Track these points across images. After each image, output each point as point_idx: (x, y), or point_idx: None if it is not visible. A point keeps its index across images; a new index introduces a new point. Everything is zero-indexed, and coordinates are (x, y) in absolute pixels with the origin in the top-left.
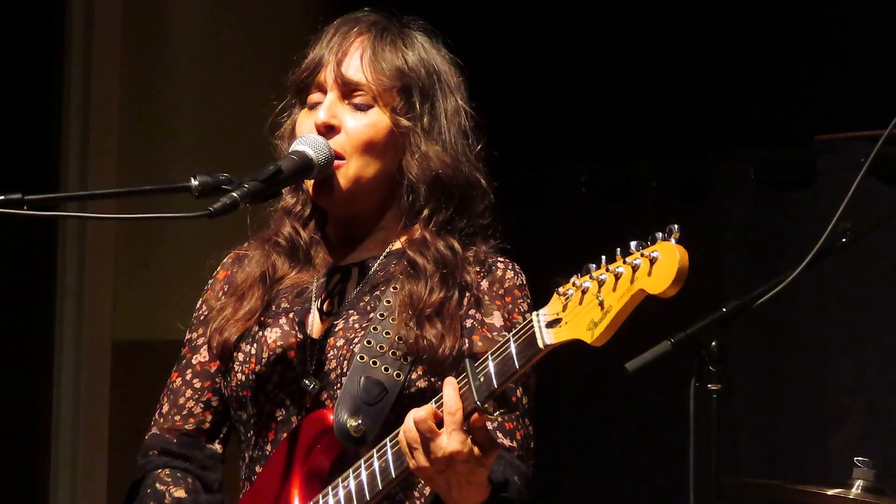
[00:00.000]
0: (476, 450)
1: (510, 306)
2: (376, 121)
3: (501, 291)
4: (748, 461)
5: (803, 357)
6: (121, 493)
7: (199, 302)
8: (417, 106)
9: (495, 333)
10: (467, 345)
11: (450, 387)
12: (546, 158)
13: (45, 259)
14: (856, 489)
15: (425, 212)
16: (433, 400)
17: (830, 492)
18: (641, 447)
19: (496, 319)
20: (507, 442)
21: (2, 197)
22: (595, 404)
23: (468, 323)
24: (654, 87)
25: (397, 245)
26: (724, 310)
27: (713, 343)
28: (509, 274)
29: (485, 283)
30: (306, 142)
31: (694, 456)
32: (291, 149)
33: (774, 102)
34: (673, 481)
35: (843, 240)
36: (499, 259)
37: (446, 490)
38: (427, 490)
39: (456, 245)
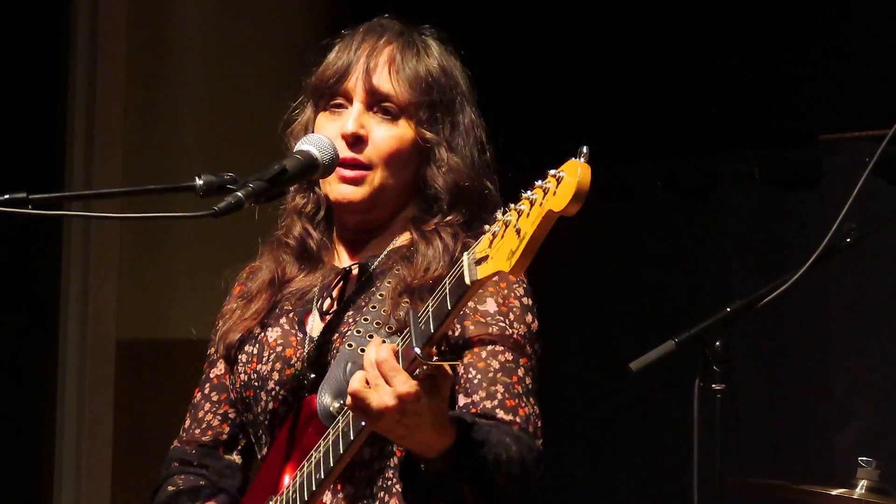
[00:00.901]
0: (422, 391)
1: (505, 291)
2: (402, 133)
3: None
4: (752, 460)
5: (808, 356)
6: (125, 491)
7: (218, 318)
8: (440, 118)
9: (489, 318)
10: (459, 331)
11: (377, 344)
12: (550, 158)
13: (49, 258)
14: (860, 489)
15: (440, 216)
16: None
17: (835, 492)
18: (645, 446)
19: (490, 305)
20: (507, 417)
21: (7, 196)
22: (599, 403)
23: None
24: (659, 87)
25: (399, 242)
26: (729, 309)
27: (717, 343)
28: None
29: None
30: (311, 141)
31: (698, 455)
32: (296, 148)
33: (780, 102)
34: (677, 480)
35: (848, 239)
36: None
37: (410, 436)
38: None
39: (460, 234)
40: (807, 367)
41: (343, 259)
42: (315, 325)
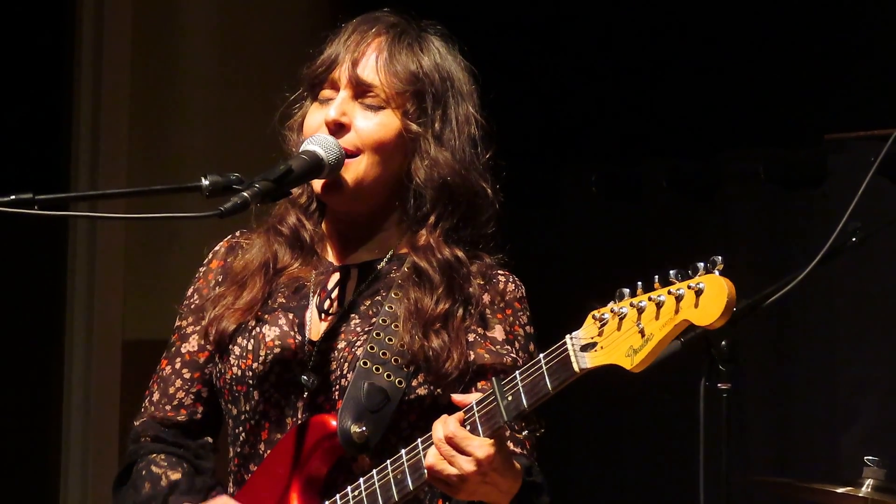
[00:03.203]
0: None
1: (511, 319)
2: (386, 122)
3: (503, 304)
4: (758, 460)
5: (813, 356)
6: None
7: (190, 290)
8: (429, 111)
9: (498, 347)
10: (472, 357)
11: (442, 421)
12: (557, 157)
13: (55, 259)
14: (866, 488)
15: (431, 218)
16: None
17: (840, 490)
18: (651, 446)
19: (498, 333)
20: (517, 449)
21: (13, 197)
22: (604, 403)
23: (471, 337)
24: (664, 87)
25: (402, 250)
26: (734, 309)
27: (723, 342)
28: (510, 287)
29: (486, 297)
30: (317, 141)
31: (704, 454)
32: (302, 148)
33: (785, 102)
34: (683, 480)
35: (853, 239)
36: (499, 272)
37: (496, 491)
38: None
39: (461, 255)
40: (812, 366)
41: (337, 254)
42: (314, 326)
